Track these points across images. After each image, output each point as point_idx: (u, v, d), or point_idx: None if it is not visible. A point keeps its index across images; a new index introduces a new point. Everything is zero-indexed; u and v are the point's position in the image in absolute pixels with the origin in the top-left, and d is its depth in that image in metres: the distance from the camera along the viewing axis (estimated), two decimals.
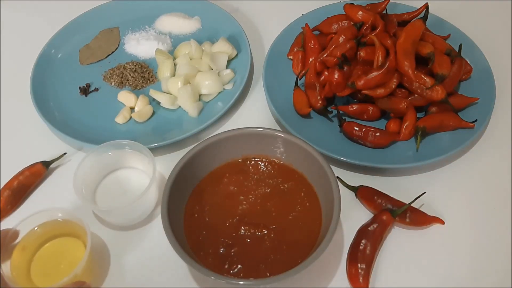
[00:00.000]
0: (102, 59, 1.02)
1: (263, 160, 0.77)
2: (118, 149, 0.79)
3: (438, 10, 0.98)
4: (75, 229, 0.71)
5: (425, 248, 0.74)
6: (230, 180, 0.75)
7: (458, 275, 0.71)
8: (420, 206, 0.77)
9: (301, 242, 0.68)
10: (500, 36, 1.02)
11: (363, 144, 0.83)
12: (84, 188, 0.76)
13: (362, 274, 0.69)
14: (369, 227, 0.72)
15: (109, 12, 1.08)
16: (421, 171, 0.82)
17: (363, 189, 0.78)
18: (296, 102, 0.88)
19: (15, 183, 0.80)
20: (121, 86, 0.96)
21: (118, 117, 0.90)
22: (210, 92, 0.92)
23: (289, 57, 0.96)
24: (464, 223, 0.76)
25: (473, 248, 0.74)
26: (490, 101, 0.86)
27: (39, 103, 0.91)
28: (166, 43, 1.02)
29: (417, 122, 0.83)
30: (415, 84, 0.82)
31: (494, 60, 0.92)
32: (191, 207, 0.72)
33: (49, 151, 0.86)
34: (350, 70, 0.84)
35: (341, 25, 0.94)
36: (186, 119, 0.90)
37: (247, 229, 0.70)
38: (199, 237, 0.69)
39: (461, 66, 0.86)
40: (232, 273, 0.66)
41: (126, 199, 0.77)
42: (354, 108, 0.85)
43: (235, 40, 1.00)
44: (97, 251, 0.75)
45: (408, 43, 0.81)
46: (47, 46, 1.01)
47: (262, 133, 0.75)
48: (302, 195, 0.73)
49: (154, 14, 1.08)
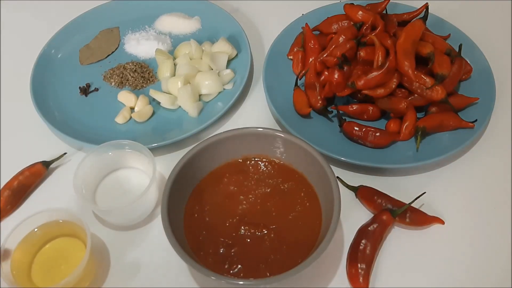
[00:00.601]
0: (102, 59, 1.02)
1: (263, 160, 0.77)
2: (118, 149, 0.79)
3: (438, 10, 0.98)
4: (75, 229, 0.71)
5: (425, 248, 0.74)
6: (230, 180, 0.75)
7: (458, 275, 0.71)
8: (420, 206, 0.77)
9: (301, 242, 0.68)
10: (500, 36, 1.02)
11: (363, 144, 0.83)
12: (84, 188, 0.76)
13: (362, 274, 0.69)
14: (369, 227, 0.72)
15: (109, 12, 1.08)
16: (421, 171, 0.82)
17: (363, 189, 0.78)
18: (296, 102, 0.88)
19: (15, 183, 0.80)
20: (121, 86, 0.96)
21: (118, 117, 0.90)
22: (210, 92, 0.92)
23: (289, 57, 0.96)
24: (464, 223, 0.76)
25: (473, 248, 0.74)
26: (490, 101, 0.86)
27: (39, 103, 0.91)
28: (166, 43, 1.02)
29: (417, 122, 0.82)
30: (415, 84, 0.82)
31: (494, 60, 0.92)
32: (191, 207, 0.72)
33: (49, 151, 0.86)
34: (350, 70, 0.84)
35: (341, 25, 0.94)
36: (186, 119, 0.90)
37: (247, 229, 0.70)
38: (199, 237, 0.69)
39: (461, 66, 0.86)
40: (232, 273, 0.66)
41: (126, 199, 0.77)
42: (354, 108, 0.85)
43: (235, 40, 1.00)
44: (97, 251, 0.75)
45: (408, 43, 0.81)
46: (47, 46, 1.01)
47: (262, 133, 0.75)
48: (302, 195, 0.73)
49: (154, 14, 1.08)
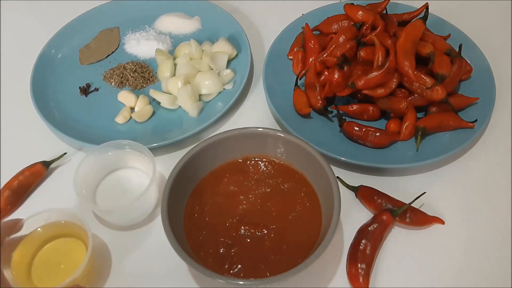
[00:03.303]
0: (102, 59, 1.02)
1: (263, 160, 0.77)
2: (118, 149, 0.79)
3: (438, 10, 0.98)
4: (76, 230, 0.71)
5: (425, 248, 0.74)
6: (230, 180, 0.75)
7: (458, 275, 0.71)
8: (420, 206, 0.77)
9: (301, 242, 0.68)
10: (500, 36, 1.02)
11: (363, 144, 0.83)
12: (84, 188, 0.76)
13: (362, 274, 0.69)
14: (369, 227, 0.72)
15: (109, 12, 1.08)
16: (421, 171, 0.82)
17: (363, 189, 0.78)
18: (296, 102, 0.88)
19: (15, 183, 0.80)
20: (121, 86, 0.96)
21: (118, 117, 0.90)
22: (210, 92, 0.92)
23: (289, 57, 0.96)
24: (464, 223, 0.76)
25: (473, 248, 0.74)
26: (490, 101, 0.86)
27: (39, 103, 0.91)
28: (166, 43, 1.02)
29: (417, 122, 0.83)
30: (415, 84, 0.82)
31: (494, 60, 0.92)
32: (191, 207, 0.72)
33: (49, 151, 0.86)
34: (350, 70, 0.84)
35: (341, 25, 0.94)
36: (186, 119, 0.90)
37: (247, 229, 0.70)
38: (199, 237, 0.69)
39: (461, 66, 0.86)
40: (232, 273, 0.66)
41: (126, 199, 0.77)
42: (354, 108, 0.85)
43: (235, 40, 1.00)
44: (98, 251, 0.75)
45: (408, 43, 0.81)
46: (47, 46, 1.01)
47: (262, 133, 0.75)
48: (302, 195, 0.73)
49: (154, 14, 1.08)
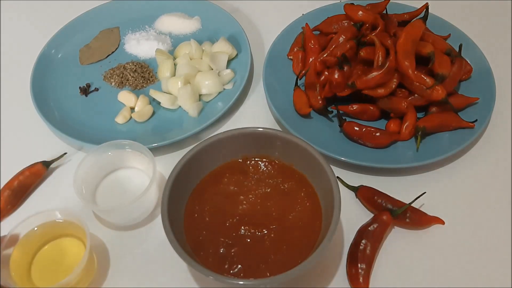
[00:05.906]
0: (102, 59, 1.02)
1: (263, 160, 0.77)
2: (118, 149, 0.79)
3: (438, 10, 0.98)
4: (75, 229, 0.71)
5: (425, 248, 0.74)
6: (230, 180, 0.75)
7: (458, 275, 0.71)
8: (420, 206, 0.77)
9: (301, 242, 0.68)
10: (500, 36, 1.02)
11: (363, 144, 0.83)
12: (84, 188, 0.76)
13: (362, 274, 0.69)
14: (369, 227, 0.72)
15: (109, 12, 1.08)
16: (421, 171, 0.82)
17: (363, 189, 0.78)
18: (296, 102, 0.88)
19: (15, 183, 0.80)
20: (121, 86, 0.96)
21: (118, 117, 0.90)
22: (210, 92, 0.92)
23: (289, 57, 0.96)
24: (464, 223, 0.76)
25: (473, 248, 0.74)
26: (490, 101, 0.86)
27: (39, 103, 0.91)
28: (166, 43, 1.02)
29: (417, 122, 0.82)
30: (415, 84, 0.82)
31: (494, 60, 0.92)
32: (191, 207, 0.72)
33: (49, 151, 0.86)
34: (350, 70, 0.84)
35: (341, 25, 0.94)
36: (186, 119, 0.90)
37: (247, 229, 0.70)
38: (199, 237, 0.69)
39: (461, 66, 0.86)
40: (232, 273, 0.66)
41: (126, 199, 0.77)
42: (354, 108, 0.85)
43: (235, 40, 1.00)
44: (97, 251, 0.75)
45: (408, 43, 0.81)
46: (47, 46, 1.01)
47: (262, 133, 0.75)
48: (302, 195, 0.73)
49: (154, 14, 1.08)
